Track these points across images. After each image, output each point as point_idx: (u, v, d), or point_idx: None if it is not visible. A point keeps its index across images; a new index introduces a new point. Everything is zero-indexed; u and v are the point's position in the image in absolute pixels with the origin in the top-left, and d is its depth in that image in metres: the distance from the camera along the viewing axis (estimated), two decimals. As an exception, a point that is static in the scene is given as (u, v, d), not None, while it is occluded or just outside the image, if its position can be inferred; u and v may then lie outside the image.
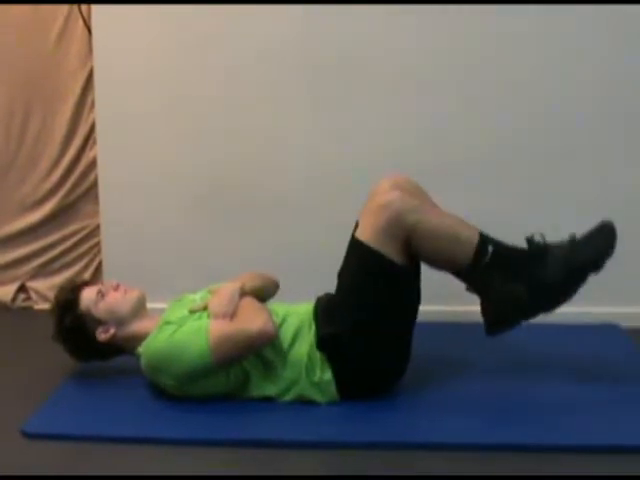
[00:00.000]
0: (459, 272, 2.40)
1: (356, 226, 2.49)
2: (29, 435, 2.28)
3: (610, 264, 3.06)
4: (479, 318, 2.54)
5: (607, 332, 2.99)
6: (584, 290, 2.55)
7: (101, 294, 2.54)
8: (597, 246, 2.40)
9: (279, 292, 2.67)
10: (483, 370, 2.63)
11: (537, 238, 2.41)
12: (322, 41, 3.05)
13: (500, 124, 3.05)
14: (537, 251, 2.39)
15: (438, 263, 2.41)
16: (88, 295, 2.55)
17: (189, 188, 3.17)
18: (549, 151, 3.06)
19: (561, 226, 3.06)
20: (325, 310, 2.48)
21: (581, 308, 2.73)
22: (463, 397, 2.47)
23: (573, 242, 2.40)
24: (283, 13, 3.02)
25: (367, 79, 3.05)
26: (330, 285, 2.49)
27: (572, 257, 2.37)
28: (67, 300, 2.55)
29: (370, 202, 2.41)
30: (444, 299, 2.95)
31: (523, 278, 2.36)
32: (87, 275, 3.35)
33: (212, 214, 3.18)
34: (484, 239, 2.37)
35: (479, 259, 2.35)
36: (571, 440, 2.21)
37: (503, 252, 2.37)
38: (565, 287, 2.38)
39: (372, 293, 2.39)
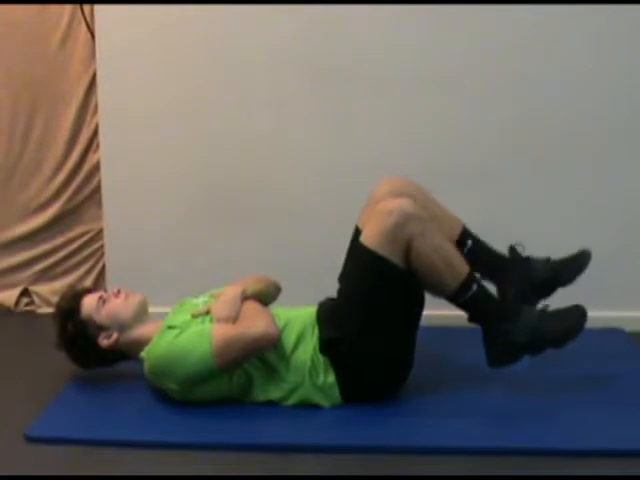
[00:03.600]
0: (440, 295, 2.45)
1: (356, 230, 2.49)
2: (32, 439, 2.29)
3: (613, 268, 3.08)
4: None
5: (611, 336, 2.98)
6: (588, 294, 2.56)
7: (102, 300, 2.55)
8: (566, 326, 2.45)
9: (281, 295, 2.67)
10: (485, 374, 2.62)
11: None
12: (325, 43, 3.05)
13: (500, 124, 3.05)
14: (512, 308, 2.45)
15: (426, 280, 2.42)
16: (90, 302, 2.55)
17: (192, 192, 3.17)
18: (550, 152, 3.06)
19: (561, 229, 3.09)
20: (328, 314, 2.48)
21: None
22: (465, 401, 2.46)
23: (544, 313, 2.45)
24: (286, 15, 3.02)
25: (370, 81, 3.05)
26: (332, 288, 2.49)
27: (538, 328, 2.41)
28: (69, 307, 2.55)
29: (374, 207, 2.41)
30: (446, 303, 2.94)
31: (489, 325, 2.43)
32: (90, 279, 3.35)
33: (215, 218, 3.18)
34: (472, 277, 2.42)
35: (462, 292, 2.40)
36: (574, 444, 2.21)
37: (484, 296, 2.44)
38: (521, 351, 2.44)
39: (376, 297, 2.39)
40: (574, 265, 2.54)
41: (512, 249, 2.57)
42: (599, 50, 2.99)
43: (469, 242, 2.56)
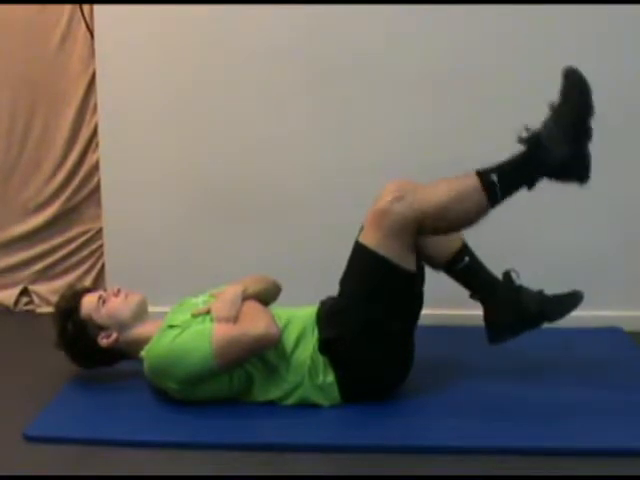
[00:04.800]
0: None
1: (361, 230, 2.49)
2: (31, 439, 2.29)
3: (613, 268, 3.08)
4: (481, 322, 2.55)
5: (610, 335, 2.98)
6: (588, 294, 2.56)
7: (102, 300, 2.55)
8: (576, 96, 2.36)
9: (281, 295, 2.67)
10: (485, 373, 2.63)
11: (525, 134, 2.41)
12: (325, 43, 3.04)
13: (500, 124, 3.03)
14: (532, 145, 2.37)
15: (461, 228, 2.41)
16: (89, 301, 2.55)
17: (191, 191, 3.17)
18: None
19: (561, 228, 3.09)
20: (328, 314, 2.48)
21: (584, 311, 2.72)
22: (465, 400, 2.47)
23: (555, 110, 2.39)
24: (285, 15, 3.02)
25: (369, 82, 3.05)
26: (333, 288, 2.49)
27: (564, 122, 2.35)
28: (68, 307, 2.56)
29: (372, 207, 2.41)
30: (446, 303, 2.94)
31: (538, 175, 2.37)
32: (90, 278, 3.35)
33: (215, 217, 3.18)
34: (484, 173, 2.36)
35: (493, 192, 2.33)
36: (573, 443, 2.21)
37: (506, 169, 2.36)
38: (578, 149, 2.37)
39: (375, 297, 2.39)
40: (564, 304, 2.51)
41: (506, 275, 2.54)
42: (600, 50, 2.99)
43: (466, 259, 2.55)
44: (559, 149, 2.33)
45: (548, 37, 3.00)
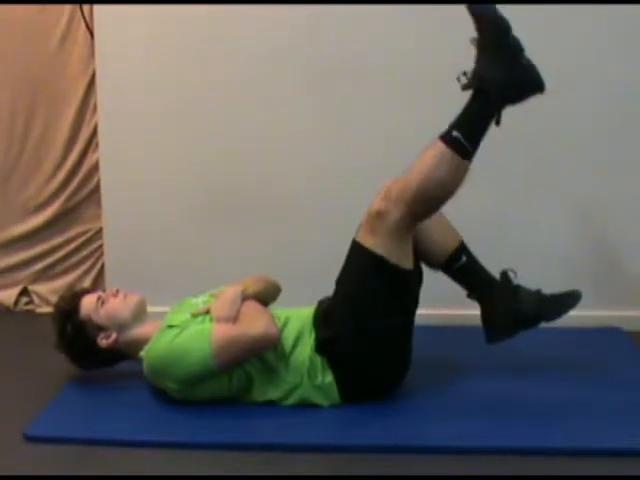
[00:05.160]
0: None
1: (359, 229, 2.49)
2: (31, 439, 2.28)
3: (612, 267, 3.08)
4: (479, 322, 2.55)
5: (609, 335, 2.98)
6: (587, 294, 2.56)
7: (101, 301, 2.55)
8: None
9: (281, 295, 2.67)
10: (485, 373, 2.63)
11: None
12: (324, 44, 3.05)
13: (500, 125, 3.05)
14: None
15: (451, 194, 2.37)
16: (88, 302, 2.55)
17: (191, 192, 3.17)
18: (549, 151, 3.06)
19: (561, 228, 3.09)
20: (325, 314, 2.48)
21: (583, 311, 2.73)
22: (465, 400, 2.47)
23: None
24: (285, 15, 3.02)
25: (368, 82, 3.05)
26: (332, 288, 2.49)
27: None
28: (67, 308, 2.55)
29: (367, 210, 2.41)
30: (445, 303, 2.94)
31: (499, 103, 2.36)
32: (89, 278, 3.35)
33: (214, 217, 3.18)
34: (446, 135, 2.36)
35: (460, 147, 2.32)
36: (573, 443, 2.21)
37: (463, 119, 2.37)
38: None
39: (371, 296, 2.39)
40: (562, 304, 2.51)
41: (504, 274, 2.54)
42: (600, 49, 2.99)
43: (463, 258, 2.55)
44: (497, 71, 2.32)
45: (548, 37, 2.99)
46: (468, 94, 3.00)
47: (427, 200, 2.34)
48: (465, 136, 2.32)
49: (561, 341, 2.88)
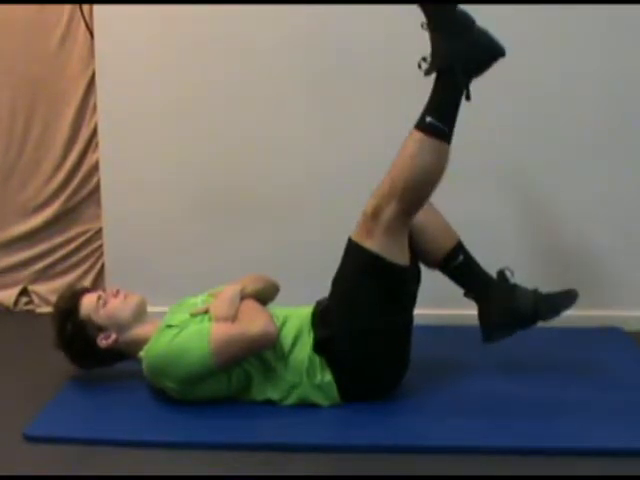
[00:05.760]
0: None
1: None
2: (31, 439, 2.28)
3: (612, 267, 3.08)
4: (478, 321, 2.56)
5: (609, 335, 2.99)
6: (586, 293, 2.56)
7: (102, 301, 2.54)
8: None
9: (280, 295, 2.67)
10: (484, 373, 2.63)
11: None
12: (324, 44, 3.05)
13: (499, 124, 3.05)
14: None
15: (436, 180, 2.38)
16: (88, 302, 2.55)
17: (191, 192, 3.17)
18: (549, 151, 3.06)
19: (561, 228, 3.09)
20: (322, 314, 2.48)
21: (583, 311, 2.73)
22: (464, 400, 2.47)
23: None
24: (285, 15, 3.02)
25: (367, 81, 3.05)
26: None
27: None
28: (67, 308, 2.55)
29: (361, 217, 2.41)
30: (444, 303, 2.94)
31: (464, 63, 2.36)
32: (89, 278, 3.35)
33: (214, 217, 3.18)
34: (421, 121, 2.37)
35: (434, 128, 2.34)
36: (572, 443, 2.21)
37: (435, 104, 2.38)
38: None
39: (367, 294, 2.39)
40: (559, 303, 2.51)
41: (501, 273, 2.55)
42: (601, 49, 2.99)
43: (460, 257, 2.56)
44: (453, 47, 2.34)
45: (548, 38, 3.00)
46: (468, 102, 3.04)
47: (416, 189, 2.35)
48: (439, 119, 2.34)
49: (561, 341, 2.88)
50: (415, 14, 2.98)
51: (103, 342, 2.52)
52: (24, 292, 3.40)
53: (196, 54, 3.09)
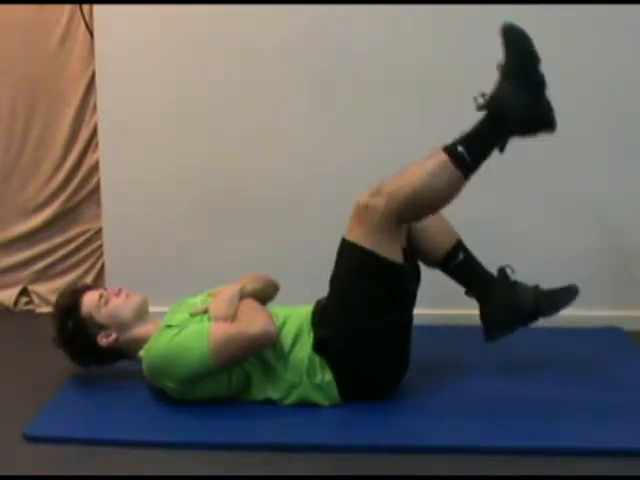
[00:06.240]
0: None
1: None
2: (31, 438, 2.28)
3: (612, 267, 3.08)
4: (478, 321, 2.55)
5: (609, 335, 2.98)
6: (586, 293, 2.56)
7: (104, 299, 2.54)
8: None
9: (279, 294, 2.67)
10: (484, 373, 2.63)
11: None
12: (323, 42, 3.05)
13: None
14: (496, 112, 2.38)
15: (442, 207, 2.39)
16: (90, 300, 2.55)
17: (191, 191, 3.18)
18: (549, 151, 3.05)
19: (561, 229, 3.10)
20: (322, 313, 2.48)
21: (583, 311, 2.73)
22: (464, 400, 2.47)
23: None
24: (285, 15, 3.02)
25: (367, 81, 3.06)
26: (331, 287, 2.49)
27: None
28: (68, 305, 2.55)
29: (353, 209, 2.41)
30: (445, 302, 2.94)
31: (505, 132, 2.37)
32: (89, 278, 3.35)
33: (214, 217, 3.18)
34: (450, 148, 2.35)
35: (463, 163, 2.32)
36: (572, 443, 2.21)
37: (471, 137, 2.36)
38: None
39: (366, 293, 2.39)
40: (560, 299, 2.51)
41: (501, 271, 2.55)
42: (600, 50, 2.99)
43: (461, 255, 2.56)
44: (517, 102, 2.33)
45: (548, 38, 2.99)
46: (465, 94, 3.03)
47: (418, 205, 2.35)
48: (469, 153, 2.33)
49: (561, 341, 2.88)
50: (415, 14, 3.00)
51: (104, 340, 2.52)
52: (24, 292, 3.40)
53: (196, 54, 3.09)
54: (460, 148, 2.33)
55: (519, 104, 2.33)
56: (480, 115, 2.37)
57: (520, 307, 2.49)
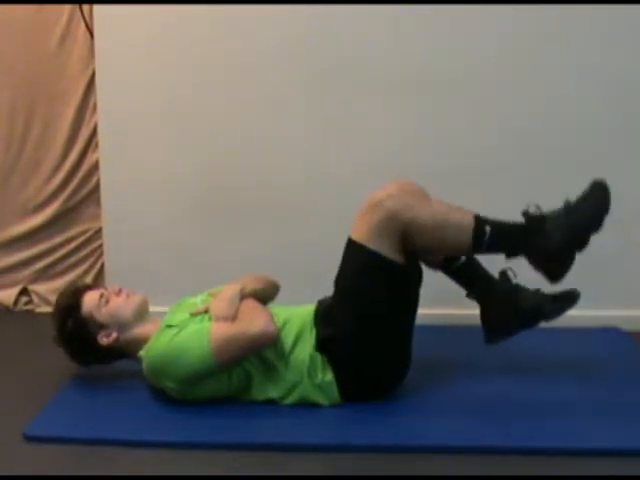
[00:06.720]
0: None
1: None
2: (31, 438, 2.29)
3: (611, 267, 3.08)
4: (479, 321, 2.55)
5: (610, 335, 2.99)
6: (587, 294, 2.56)
7: (104, 298, 2.54)
8: (594, 206, 2.42)
9: (280, 294, 2.67)
10: (484, 373, 2.63)
11: (533, 210, 2.43)
12: (323, 42, 3.05)
13: (500, 125, 3.05)
14: (535, 222, 2.40)
15: (440, 251, 2.43)
16: (90, 299, 2.55)
17: (191, 191, 3.17)
18: (549, 152, 3.06)
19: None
20: (325, 312, 2.49)
21: (583, 311, 2.73)
22: (465, 400, 2.47)
23: (568, 207, 2.42)
24: (285, 15, 3.02)
25: (367, 81, 3.05)
26: (331, 287, 2.49)
27: (571, 221, 2.39)
28: (69, 304, 2.55)
29: (365, 202, 2.41)
30: (445, 303, 2.94)
31: (524, 249, 2.39)
32: (89, 278, 3.35)
33: (214, 217, 3.18)
34: (480, 220, 2.38)
35: (479, 240, 2.36)
36: (572, 443, 2.21)
37: (501, 229, 2.39)
38: (568, 251, 2.41)
39: (370, 293, 2.39)
40: (561, 303, 2.51)
41: (503, 274, 2.54)
42: (600, 51, 2.99)
43: (462, 257, 2.56)
44: (555, 242, 2.37)
45: (548, 38, 3.00)
46: (465, 94, 3.04)
47: (423, 236, 2.36)
48: (489, 241, 2.36)
49: (561, 341, 2.88)
50: (415, 14, 3.00)
51: (104, 340, 2.52)
52: (24, 292, 3.40)
53: (196, 54, 3.09)
54: (487, 228, 2.36)
55: (554, 246, 2.37)
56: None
57: (521, 310, 2.49)
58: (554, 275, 2.43)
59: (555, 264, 2.41)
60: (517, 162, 3.08)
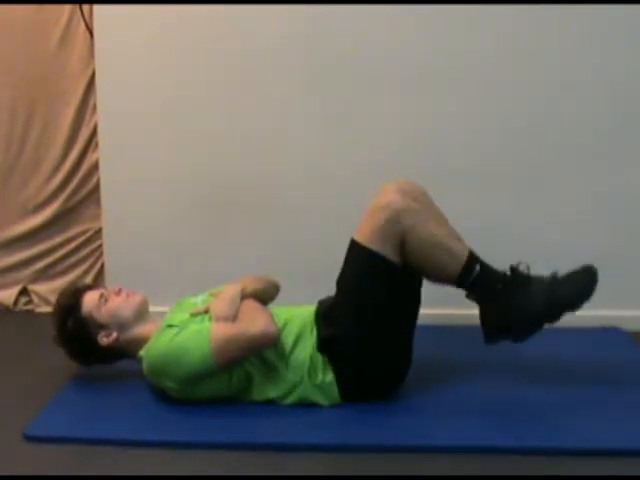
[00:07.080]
0: (444, 282, 2.44)
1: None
2: (31, 438, 2.29)
3: (613, 268, 3.07)
4: (479, 321, 2.55)
5: (610, 335, 2.99)
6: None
7: (104, 298, 2.54)
8: (578, 290, 2.41)
9: (280, 295, 2.67)
10: (485, 373, 2.63)
11: (522, 268, 2.44)
12: (323, 42, 3.05)
13: (501, 125, 3.05)
14: (521, 279, 2.41)
15: (426, 270, 2.42)
16: (90, 299, 2.55)
17: (191, 191, 3.18)
18: (549, 152, 3.06)
19: (561, 229, 3.09)
20: (326, 312, 2.48)
21: (583, 311, 2.72)
22: (465, 400, 2.47)
23: (555, 280, 2.43)
24: (284, 15, 3.02)
25: (367, 81, 3.05)
26: (332, 288, 2.49)
27: (553, 295, 2.39)
28: (69, 304, 2.55)
29: (370, 204, 2.41)
30: (445, 302, 2.94)
31: (503, 299, 2.40)
32: (89, 278, 3.35)
33: (214, 217, 3.18)
34: (474, 257, 2.40)
35: (467, 275, 2.38)
36: (573, 443, 2.21)
37: (490, 273, 2.41)
38: (540, 320, 2.42)
39: (371, 294, 2.39)
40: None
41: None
42: (600, 52, 2.99)
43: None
44: (536, 306, 2.38)
45: (548, 38, 3.00)
46: (465, 94, 3.04)
47: (416, 250, 2.36)
48: (473, 281, 2.38)
49: (561, 341, 2.87)
50: (415, 14, 3.00)
51: (104, 340, 2.52)
52: (24, 292, 3.40)
53: (196, 54, 3.09)
54: (477, 268, 2.38)
55: (530, 310, 2.38)
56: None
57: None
58: (518, 336, 2.44)
59: (526, 326, 2.42)
60: (517, 162, 3.08)
